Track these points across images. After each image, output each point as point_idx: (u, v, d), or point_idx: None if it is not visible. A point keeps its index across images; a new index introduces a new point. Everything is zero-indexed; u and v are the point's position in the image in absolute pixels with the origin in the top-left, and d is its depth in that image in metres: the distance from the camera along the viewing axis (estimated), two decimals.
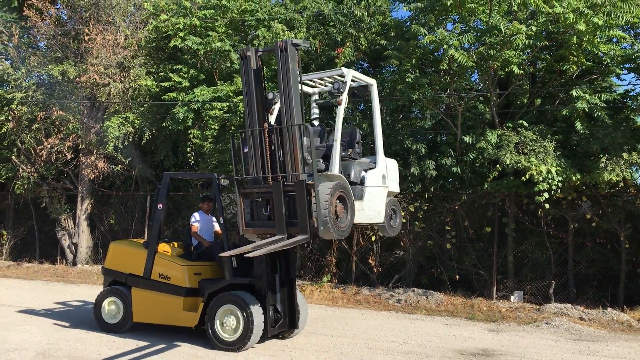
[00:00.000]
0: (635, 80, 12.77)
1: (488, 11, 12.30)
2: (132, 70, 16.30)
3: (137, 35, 17.07)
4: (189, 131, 15.27)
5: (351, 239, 14.28)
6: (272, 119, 7.76)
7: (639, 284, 12.42)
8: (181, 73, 15.58)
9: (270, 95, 7.52)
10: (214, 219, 9.46)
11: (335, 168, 7.23)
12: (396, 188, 8.91)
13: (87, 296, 12.74)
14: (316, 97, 8.98)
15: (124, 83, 16.16)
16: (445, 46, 11.59)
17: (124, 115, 16.29)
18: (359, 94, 8.64)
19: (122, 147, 16.33)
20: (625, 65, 12.37)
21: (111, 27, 17.00)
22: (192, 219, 9.09)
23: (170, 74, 15.57)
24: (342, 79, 7.83)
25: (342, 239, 14.04)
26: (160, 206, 8.85)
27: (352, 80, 8.00)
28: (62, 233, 18.35)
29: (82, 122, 17.22)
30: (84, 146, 17.29)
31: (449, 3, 12.03)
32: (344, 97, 7.51)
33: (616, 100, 12.38)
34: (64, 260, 18.27)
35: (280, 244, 6.76)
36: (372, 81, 8.58)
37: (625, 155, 11.15)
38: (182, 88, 15.38)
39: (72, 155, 17.26)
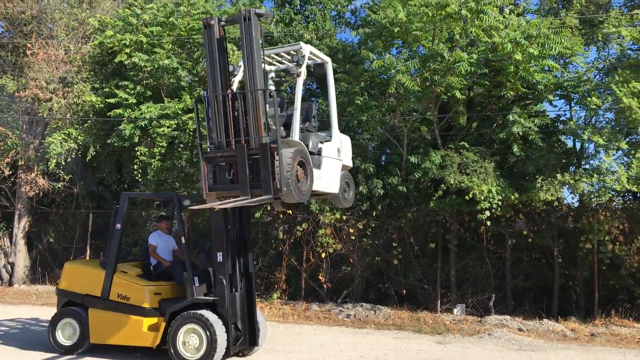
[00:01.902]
0: (565, 105, 13.73)
1: (431, 38, 12.96)
2: (75, 86, 15.99)
3: (80, 51, 16.79)
4: (136, 148, 15.13)
5: (301, 256, 14.56)
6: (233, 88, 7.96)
7: (571, 296, 13.29)
8: (127, 89, 15.44)
9: (230, 68, 7.75)
10: (173, 238, 9.50)
11: (296, 135, 7.55)
12: (349, 162, 9.25)
13: (28, 317, 12.40)
14: (272, 74, 9.07)
15: (67, 99, 15.83)
16: (392, 71, 12.15)
17: (67, 132, 15.93)
18: (314, 72, 8.93)
19: (64, 163, 15.96)
20: (556, 92, 13.31)
21: (53, 41, 16.65)
22: (151, 239, 9.10)
23: (116, 90, 15.39)
24: (302, 52, 8.10)
25: (291, 257, 14.35)
26: (118, 226, 8.83)
27: (309, 58, 8.33)
28: None
29: (21, 137, 16.72)
30: (22, 162, 16.75)
31: (396, 30, 12.62)
32: (303, 70, 7.85)
33: (548, 125, 13.28)
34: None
35: (245, 201, 7.10)
36: (328, 59, 8.93)
37: (558, 176, 12.00)
38: (128, 104, 15.25)
39: (10, 172, 16.69)
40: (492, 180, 12.21)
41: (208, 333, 7.93)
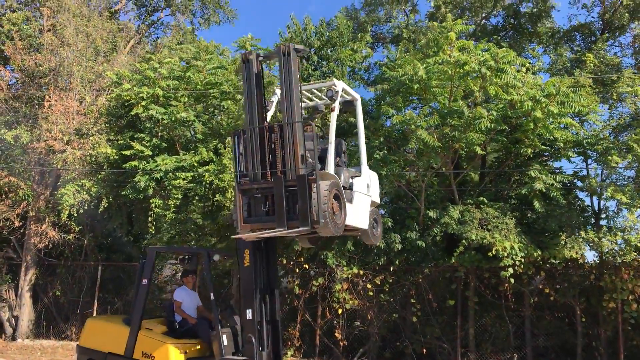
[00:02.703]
0: (582, 162, 13.78)
1: (448, 95, 13.10)
2: (91, 138, 16.02)
3: (96, 103, 16.92)
4: (151, 200, 15.03)
5: (315, 312, 14.26)
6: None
7: (594, 356, 12.96)
8: (143, 142, 15.47)
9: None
10: (197, 294, 9.28)
11: (331, 168, 7.53)
12: (377, 199, 9.19)
13: None
14: (302, 111, 9.17)
15: (83, 150, 15.83)
16: (413, 126, 12.22)
17: (80, 183, 15.85)
18: (344, 109, 8.98)
19: (76, 215, 15.82)
20: (574, 149, 13.37)
21: (69, 93, 16.79)
22: (177, 295, 8.88)
23: (131, 143, 15.41)
24: (335, 88, 8.11)
25: (305, 313, 14.05)
26: (145, 282, 8.63)
27: (341, 95, 8.34)
28: (1, 305, 17.25)
29: (33, 188, 16.63)
30: (33, 213, 16.60)
31: (415, 87, 12.78)
32: (337, 105, 7.91)
33: (566, 182, 13.28)
34: (2, 335, 17.07)
35: (282, 232, 7.14)
36: (358, 96, 8.98)
37: (582, 233, 11.92)
38: (144, 156, 15.24)
39: (20, 223, 16.50)
40: (514, 236, 12.10)
41: None
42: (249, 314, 8.14)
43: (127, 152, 15.39)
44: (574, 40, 18.34)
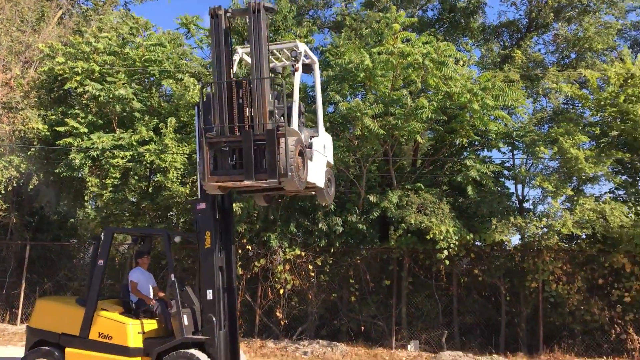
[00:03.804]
0: (509, 153, 14.79)
1: (390, 84, 13.60)
2: (21, 112, 15.31)
3: (25, 75, 16.14)
4: (87, 179, 14.64)
5: (255, 293, 14.51)
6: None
7: (515, 332, 14.05)
8: (78, 118, 14.97)
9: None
10: (152, 275, 9.30)
11: (295, 125, 7.79)
12: (331, 160, 9.59)
13: None
14: None
15: (12, 125, 15.11)
16: (358, 114, 12.64)
17: (9, 159, 15.14)
18: (303, 71, 9.12)
19: (3, 192, 15.14)
20: (503, 140, 14.29)
21: None
22: (133, 276, 8.86)
23: (66, 119, 14.88)
24: (298, 49, 8.34)
25: (245, 294, 14.27)
26: (101, 262, 8.54)
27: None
28: None
29: None
30: None
31: (361, 75, 13.20)
32: (300, 65, 8.17)
33: (495, 171, 14.20)
34: None
35: (251, 184, 7.50)
36: (316, 60, 9.27)
37: (512, 218, 12.85)
38: (79, 134, 14.78)
39: None
40: (449, 221, 12.85)
41: None
42: (209, 294, 8.32)
43: (61, 129, 14.87)
44: (502, 36, 19.42)
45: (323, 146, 9.02)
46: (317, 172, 8.56)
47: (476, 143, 14.88)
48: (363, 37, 15.50)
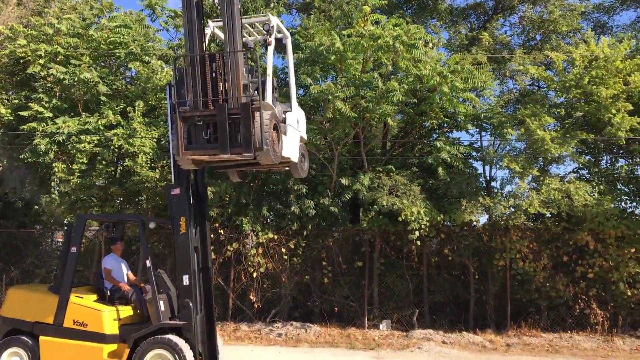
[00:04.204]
0: (477, 134, 15.04)
1: (361, 66, 13.65)
2: None
3: None
4: (54, 165, 14.34)
5: (228, 276, 14.52)
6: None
7: (484, 309, 14.42)
8: (42, 102, 14.60)
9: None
10: (125, 261, 9.22)
11: (269, 99, 7.77)
12: (304, 135, 9.65)
13: None
14: None
15: None
16: (330, 97, 12.66)
17: None
18: (275, 44, 9.23)
19: None
20: (472, 122, 14.52)
21: None
22: (106, 262, 8.78)
23: (29, 104, 14.50)
24: (270, 22, 8.29)
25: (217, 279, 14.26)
26: (74, 249, 8.44)
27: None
28: None
29: None
30: None
31: (332, 58, 13.19)
32: (273, 39, 8.12)
33: (464, 152, 14.43)
34: None
35: (226, 157, 7.50)
36: (288, 34, 9.24)
37: (480, 199, 13.12)
38: (43, 118, 14.42)
39: None
40: (420, 202, 13.04)
41: (177, 358, 7.83)
42: (185, 279, 8.32)
43: (25, 113, 14.49)
44: (469, 18, 19.60)
45: (297, 121, 9.05)
46: (291, 147, 8.60)
47: (445, 125, 15.07)
48: (332, 19, 15.46)
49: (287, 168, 9.34)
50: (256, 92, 7.56)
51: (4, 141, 15.06)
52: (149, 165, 14.13)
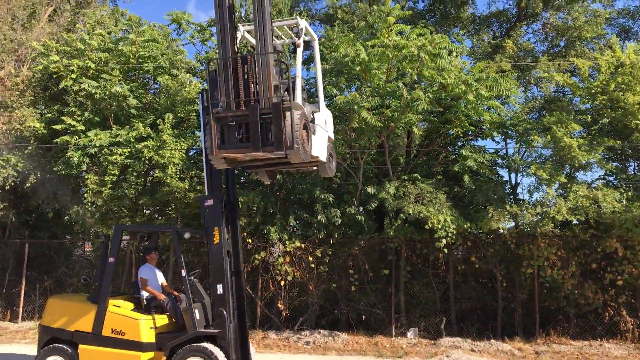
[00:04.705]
0: (502, 142, 15.05)
1: (385, 76, 13.80)
2: (17, 111, 15.31)
3: (22, 74, 16.12)
4: (86, 176, 14.72)
5: (256, 285, 14.70)
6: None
7: (511, 317, 14.38)
8: (75, 116, 15.01)
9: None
10: (160, 271, 9.45)
11: (299, 99, 7.95)
12: (332, 135, 9.86)
13: None
14: None
15: (8, 124, 15.11)
16: (356, 107, 12.82)
17: (5, 158, 15.17)
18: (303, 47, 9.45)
19: (0, 191, 15.18)
20: (497, 129, 14.55)
21: None
22: (142, 272, 9.02)
23: (62, 117, 14.92)
24: (300, 25, 8.52)
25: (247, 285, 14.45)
26: (111, 260, 8.69)
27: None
28: None
29: None
30: None
31: (357, 68, 13.36)
32: (302, 41, 8.35)
33: (490, 160, 14.46)
34: None
35: (258, 155, 7.72)
36: (316, 37, 9.47)
37: (507, 206, 13.14)
38: (75, 131, 14.83)
39: None
40: (446, 210, 13.09)
41: None
42: (219, 289, 8.52)
43: (57, 127, 14.91)
44: (492, 26, 19.64)
45: (324, 121, 9.26)
46: (319, 146, 8.79)
47: (470, 133, 15.12)
48: (356, 30, 15.64)
49: (315, 167, 9.53)
50: (286, 92, 7.75)
51: (37, 154, 15.48)
52: (178, 176, 14.41)
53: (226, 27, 7.88)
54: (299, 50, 8.26)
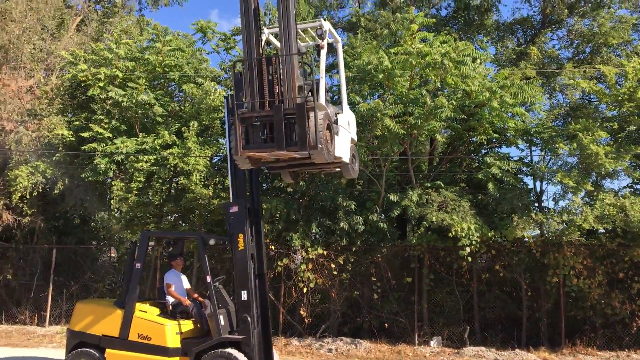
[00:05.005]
0: (526, 149, 14.91)
1: (408, 83, 13.80)
2: (46, 119, 15.63)
3: (51, 83, 16.47)
4: (113, 183, 14.95)
5: (278, 292, 14.75)
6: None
7: (536, 326, 14.21)
8: (102, 124, 15.27)
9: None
10: (185, 276, 9.55)
11: (323, 100, 7.99)
12: (355, 137, 9.86)
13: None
14: None
15: (37, 132, 15.43)
16: (379, 114, 12.84)
17: (34, 165, 15.48)
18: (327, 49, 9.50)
19: (28, 197, 15.49)
20: (522, 137, 14.44)
21: (21, 72, 16.26)
22: (168, 278, 9.12)
23: (90, 125, 15.19)
24: (324, 27, 8.52)
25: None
26: (138, 265, 8.81)
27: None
28: None
29: None
30: None
31: (380, 76, 13.39)
32: (325, 43, 8.38)
33: (515, 167, 14.33)
34: None
35: (283, 152, 7.68)
36: (339, 39, 9.51)
37: (532, 214, 13.01)
38: (102, 138, 15.08)
39: None
40: (470, 218, 13.01)
41: None
42: (244, 295, 8.59)
43: (85, 134, 15.17)
44: (516, 33, 19.53)
45: (347, 123, 9.31)
46: (343, 147, 8.82)
47: (494, 140, 15.03)
48: (378, 38, 15.67)
49: (338, 169, 9.57)
50: (310, 94, 7.80)
51: (65, 161, 15.77)
52: (202, 183, 14.56)
53: (251, 29, 7.97)
54: (323, 52, 8.31)
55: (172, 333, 8.50)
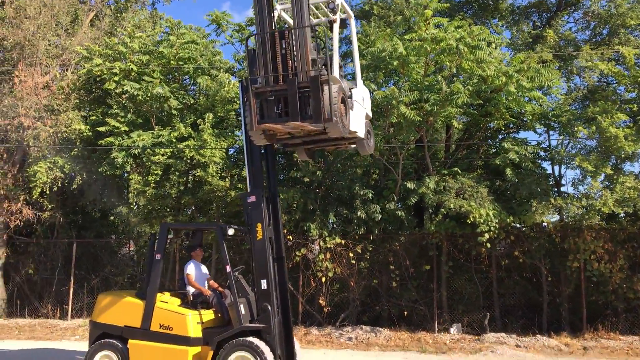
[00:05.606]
0: (544, 133, 14.74)
1: (423, 70, 13.69)
2: (63, 114, 15.75)
3: (65, 78, 16.59)
4: (130, 176, 15.05)
5: (297, 282, 14.78)
6: None
7: (557, 312, 14.11)
8: (118, 118, 15.36)
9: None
10: (205, 267, 9.61)
11: (337, 73, 7.93)
12: (370, 112, 9.80)
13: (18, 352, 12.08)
14: None
15: (55, 127, 15.56)
16: (394, 102, 12.75)
17: (52, 160, 15.63)
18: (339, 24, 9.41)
19: (48, 192, 15.65)
20: (540, 121, 14.27)
21: (36, 68, 16.38)
22: (188, 269, 9.17)
23: (106, 119, 15.28)
24: (336, 1, 8.42)
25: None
26: (158, 256, 8.87)
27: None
28: None
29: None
30: (3, 192, 16.23)
31: (395, 63, 13.29)
32: (338, 17, 8.32)
33: (533, 152, 14.18)
34: None
35: (298, 124, 7.60)
36: (352, 14, 9.43)
37: (552, 199, 12.87)
38: (119, 133, 15.16)
39: None
40: (488, 204, 12.92)
41: None
42: (263, 284, 8.61)
43: (102, 129, 15.27)
44: (531, 16, 19.26)
45: (362, 98, 9.24)
46: (357, 122, 8.76)
47: (511, 125, 14.88)
48: (392, 25, 15.55)
49: (353, 145, 9.49)
50: (324, 67, 7.74)
51: (83, 155, 15.90)
52: (219, 174, 14.61)
53: (263, 3, 7.94)
54: (336, 26, 8.25)
55: (193, 323, 8.56)
